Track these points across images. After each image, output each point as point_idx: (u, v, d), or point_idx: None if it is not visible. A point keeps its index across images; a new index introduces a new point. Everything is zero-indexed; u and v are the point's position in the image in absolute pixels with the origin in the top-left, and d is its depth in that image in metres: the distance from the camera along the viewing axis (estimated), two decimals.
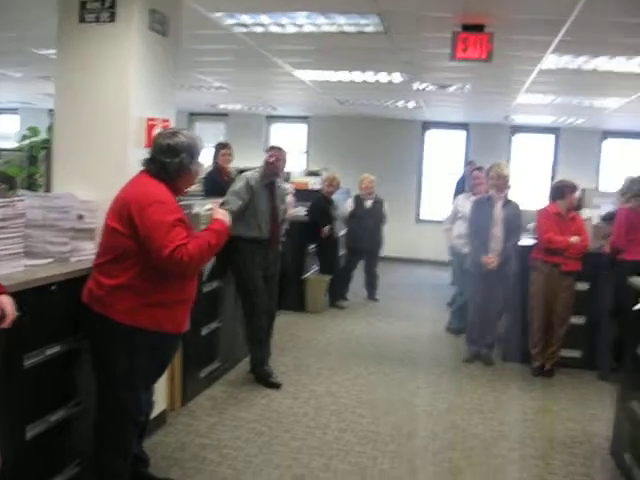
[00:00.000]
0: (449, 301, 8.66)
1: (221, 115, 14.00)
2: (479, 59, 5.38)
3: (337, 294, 8.82)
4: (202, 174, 6.87)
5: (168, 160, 3.17)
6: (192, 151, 3.23)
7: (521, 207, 6.48)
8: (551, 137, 13.17)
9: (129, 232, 3.06)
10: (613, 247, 6.10)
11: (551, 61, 6.56)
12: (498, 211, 6.32)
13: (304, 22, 5.74)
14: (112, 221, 3.14)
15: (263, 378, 5.46)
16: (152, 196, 3.10)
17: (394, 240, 10.52)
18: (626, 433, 4.15)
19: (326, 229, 8.38)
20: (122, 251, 3.09)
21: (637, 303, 3.89)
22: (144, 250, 3.05)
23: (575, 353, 6.32)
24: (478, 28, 5.30)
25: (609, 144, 13.05)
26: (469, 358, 6.48)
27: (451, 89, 8.90)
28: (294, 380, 5.59)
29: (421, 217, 13.75)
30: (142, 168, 3.26)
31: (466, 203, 7.32)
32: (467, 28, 5.32)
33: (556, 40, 5.68)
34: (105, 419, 3.26)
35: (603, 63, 6.52)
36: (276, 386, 5.38)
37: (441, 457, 4.26)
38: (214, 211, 3.57)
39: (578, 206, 6.69)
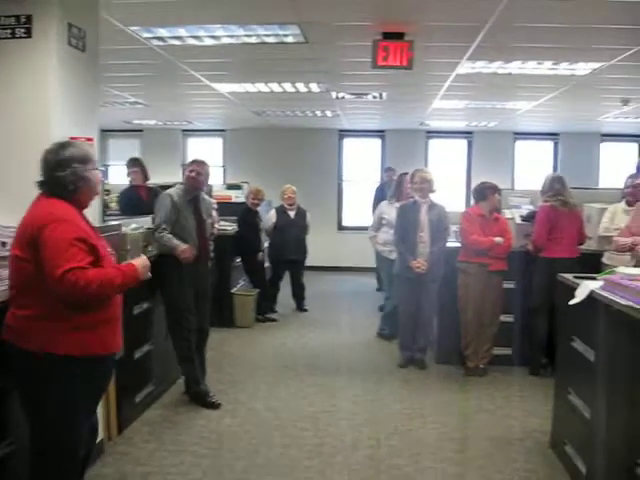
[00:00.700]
0: (380, 306, 8.73)
1: (136, 131, 13.70)
2: (400, 66, 5.44)
3: (266, 307, 8.74)
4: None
5: (61, 174, 2.94)
6: (84, 159, 3.02)
7: (446, 210, 6.58)
8: (464, 141, 13.48)
9: (30, 256, 2.84)
10: (534, 245, 6.26)
11: (467, 66, 6.71)
12: (424, 215, 6.39)
13: (222, 34, 5.68)
14: (14, 249, 2.93)
15: (200, 398, 5.32)
16: (51, 215, 2.88)
17: (317, 249, 10.52)
18: (565, 425, 4.25)
19: (260, 255, 8.36)
20: (28, 278, 2.87)
21: (572, 298, 3.97)
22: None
23: (506, 351, 6.45)
24: (398, 36, 5.36)
25: (520, 145, 13.47)
26: (403, 363, 6.51)
27: (369, 97, 8.99)
28: (231, 398, 5.48)
29: (343, 225, 13.82)
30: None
31: (391, 209, 7.38)
32: (387, 36, 5.38)
33: (473, 46, 5.81)
34: (42, 464, 3.00)
35: (516, 68, 6.72)
36: (214, 405, 5.25)
37: (388, 464, 4.25)
38: (138, 259, 3.30)
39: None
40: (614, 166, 12.99)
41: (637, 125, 11.58)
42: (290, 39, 5.74)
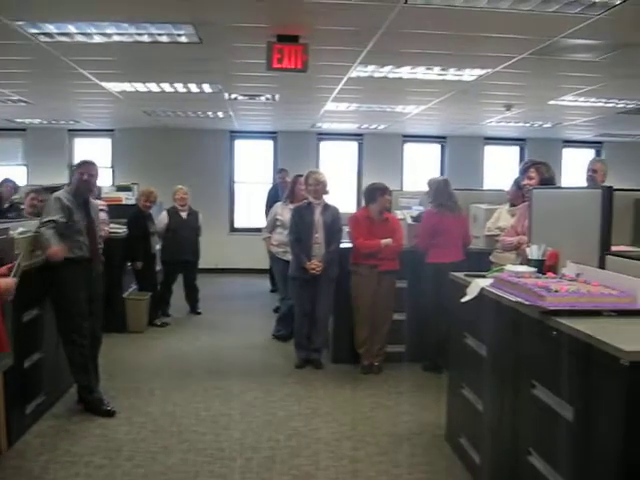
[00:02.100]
0: (275, 308, 8.77)
1: (18, 130, 13.08)
2: (295, 69, 5.49)
3: (159, 311, 8.58)
4: None
5: None
6: None
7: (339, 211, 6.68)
8: (355, 143, 13.71)
9: None
10: (418, 249, 6.44)
11: (359, 70, 6.84)
12: (318, 217, 6.46)
13: (113, 32, 5.54)
14: None
15: (94, 406, 5.16)
16: None
17: (209, 251, 10.42)
18: (459, 419, 4.41)
19: (139, 264, 8.17)
20: None
21: (464, 296, 4.12)
22: None
23: (400, 348, 6.62)
24: (293, 39, 5.40)
25: (409, 147, 13.83)
26: (300, 364, 6.56)
27: (262, 99, 9.00)
28: (127, 404, 5.35)
29: (235, 226, 13.75)
30: None
31: (285, 211, 7.41)
32: (282, 39, 5.40)
33: (365, 51, 5.93)
34: None
35: (406, 72, 6.90)
36: (109, 413, 5.10)
37: (289, 465, 4.26)
38: (4, 280, 3.12)
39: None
40: (497, 168, 13.60)
41: (519, 129, 12.15)
42: (184, 39, 5.67)
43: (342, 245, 6.56)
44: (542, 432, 3.13)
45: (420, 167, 13.60)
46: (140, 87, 8.21)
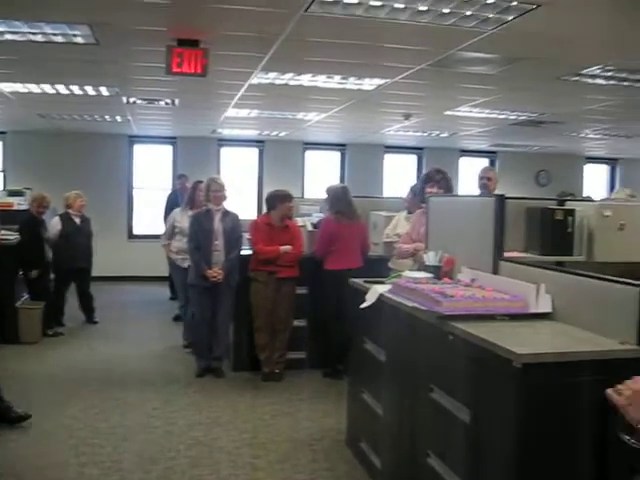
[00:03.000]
0: (174, 316, 8.64)
1: None
2: (195, 74, 5.42)
3: (53, 321, 8.27)
4: None
5: None
6: None
7: (239, 218, 6.65)
8: (256, 150, 13.67)
9: None
10: (316, 256, 6.49)
11: (260, 77, 6.83)
12: (218, 223, 6.39)
13: (4, 30, 5.32)
14: None
15: (3, 415, 4.92)
16: None
17: (106, 258, 10.15)
18: (360, 423, 4.46)
19: (34, 272, 7.86)
20: None
21: (363, 302, 4.17)
22: None
23: (301, 354, 6.64)
24: (193, 43, 5.33)
25: (310, 155, 13.91)
26: (200, 372, 6.46)
27: (161, 103, 8.84)
28: None
29: (134, 233, 13.44)
30: None
31: (183, 217, 7.31)
32: (182, 43, 5.33)
33: (266, 57, 5.93)
34: None
35: (307, 80, 6.94)
36: (23, 418, 4.91)
37: (189, 476, 4.19)
38: None
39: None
40: (397, 176, 13.88)
41: (417, 138, 12.44)
42: (80, 40, 5.50)
43: (242, 252, 6.52)
44: (440, 435, 3.21)
45: (321, 174, 13.69)
46: (34, 88, 7.90)
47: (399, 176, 13.83)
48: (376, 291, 4.09)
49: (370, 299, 4.10)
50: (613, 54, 5.68)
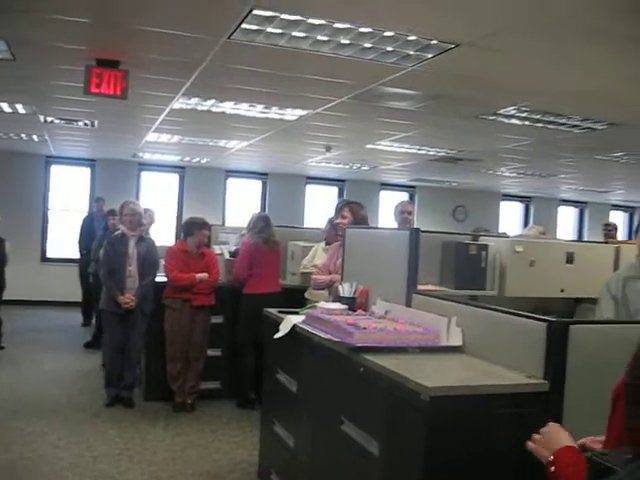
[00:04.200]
0: (86, 342, 8.39)
1: None
2: (113, 95, 5.32)
3: None
4: None
5: None
6: None
7: (156, 244, 6.53)
8: (176, 175, 13.52)
9: None
10: (236, 279, 6.44)
11: (182, 102, 6.77)
12: (132, 248, 6.26)
13: None
14: None
15: None
16: None
17: (17, 282, 9.76)
18: (271, 455, 4.38)
19: None
20: None
21: (277, 332, 4.13)
22: None
23: (215, 384, 6.52)
24: (113, 64, 5.24)
25: (232, 182, 13.85)
26: (109, 402, 6.25)
27: (80, 124, 8.65)
28: None
29: (47, 256, 13.02)
30: None
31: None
32: (102, 63, 5.23)
33: (188, 83, 5.88)
34: None
35: (230, 108, 6.92)
36: None
37: None
38: None
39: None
40: (318, 207, 13.95)
41: (339, 170, 12.56)
42: None
43: (157, 279, 6.39)
44: (350, 468, 3.17)
45: (242, 203, 13.65)
46: None
47: (320, 207, 13.91)
48: (290, 321, 4.05)
49: (284, 329, 4.06)
50: (528, 95, 5.88)
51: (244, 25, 4.16)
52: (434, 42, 4.34)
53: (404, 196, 14.55)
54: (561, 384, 2.67)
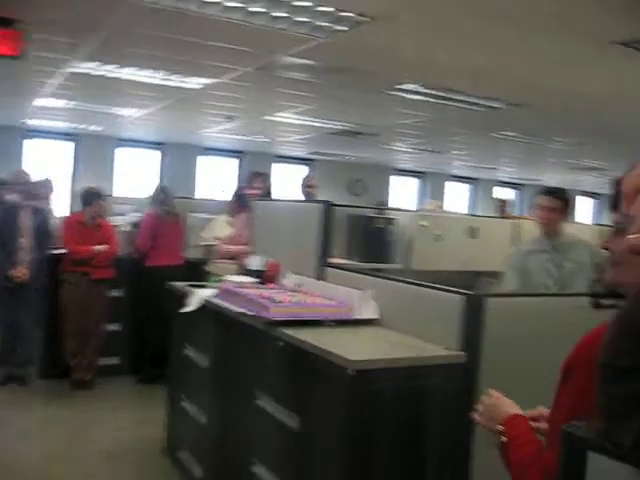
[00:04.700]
0: None
1: None
2: (8, 55, 4.99)
3: None
4: None
5: None
6: None
7: (52, 215, 6.26)
8: (69, 144, 12.90)
9: None
10: (138, 251, 6.29)
11: (78, 66, 6.43)
12: (25, 220, 5.96)
13: None
14: None
15: None
16: None
17: None
18: (179, 432, 4.30)
19: None
20: None
21: (184, 306, 4.03)
22: None
23: (114, 360, 6.33)
24: (7, 22, 4.90)
25: (124, 152, 13.35)
26: (3, 380, 5.97)
27: None
28: None
29: None
30: None
31: None
32: None
33: (86, 45, 5.58)
34: None
35: (128, 74, 6.64)
36: None
37: None
38: None
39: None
40: (215, 178, 13.70)
41: (237, 141, 12.37)
42: None
43: (52, 251, 6.11)
44: (266, 442, 3.15)
45: (138, 173, 13.21)
46: None
47: (218, 179, 13.68)
48: (199, 296, 3.97)
49: (193, 304, 3.97)
50: (429, 72, 5.96)
51: None
52: (349, 14, 4.29)
53: (302, 169, 14.54)
54: (478, 355, 2.73)
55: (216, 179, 13.66)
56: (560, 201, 4.01)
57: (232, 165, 14.31)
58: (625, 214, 0.65)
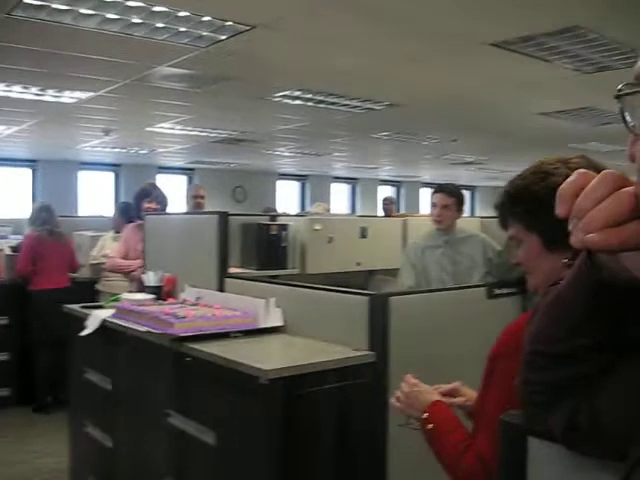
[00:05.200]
0: None
1: None
2: None
3: None
4: None
5: None
6: None
7: None
8: None
9: None
10: (19, 275, 6.03)
11: None
12: None
13: None
14: None
15: None
16: None
17: None
18: (85, 459, 4.15)
19: None
20: None
21: (82, 329, 3.90)
22: None
23: (5, 392, 6.02)
24: None
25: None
26: None
27: None
28: None
29: None
30: None
31: None
32: None
33: None
34: None
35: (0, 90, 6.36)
36: None
37: None
38: None
39: None
40: (94, 194, 13.29)
41: (115, 154, 12.06)
42: None
43: None
44: (181, 460, 3.10)
45: (8, 193, 12.62)
46: None
47: (97, 194, 13.27)
48: (98, 316, 3.84)
49: (92, 325, 3.84)
50: (309, 77, 6.04)
51: (26, 0, 3.83)
52: (229, 24, 4.29)
53: (183, 179, 14.36)
54: (386, 353, 2.80)
55: (98, 194, 13.26)
56: (453, 197, 4.15)
57: (111, 179, 13.94)
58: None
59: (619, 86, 0.60)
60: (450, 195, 4.15)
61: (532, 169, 1.53)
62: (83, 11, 4.03)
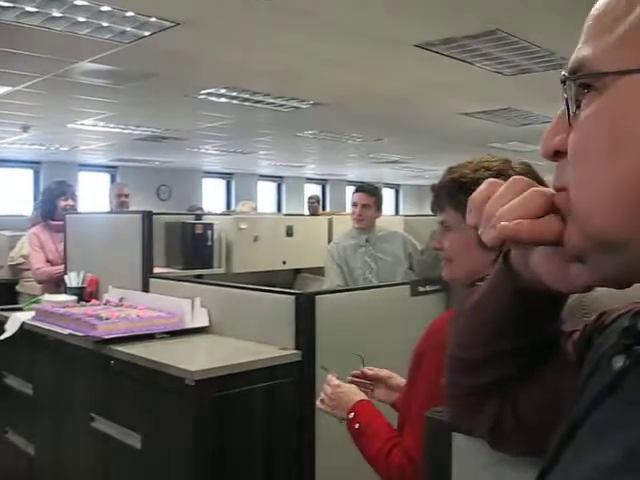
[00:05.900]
0: None
1: None
2: None
3: None
4: None
5: None
6: None
7: None
8: None
9: None
10: None
11: None
12: None
13: None
14: None
15: None
16: None
17: None
18: (6, 467, 4.02)
19: None
20: None
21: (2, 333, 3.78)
22: None
23: None
24: None
25: None
26: None
27: None
28: None
29: None
30: None
31: None
32: None
33: None
34: None
35: None
36: None
37: None
38: None
39: None
40: (11, 193, 12.87)
41: (34, 152, 11.72)
42: None
43: None
44: (106, 465, 3.04)
45: None
46: None
47: (17, 192, 12.85)
48: (17, 319, 3.73)
49: (11, 329, 3.73)
50: (234, 75, 6.02)
51: None
52: (153, 20, 4.23)
53: (105, 177, 14.08)
54: (312, 352, 2.82)
55: (15, 193, 12.85)
56: (373, 197, 4.21)
57: (29, 177, 13.53)
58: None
59: (563, 72, 0.60)
60: (370, 195, 4.21)
61: (482, 163, 1.49)
62: (2, 4, 3.91)
